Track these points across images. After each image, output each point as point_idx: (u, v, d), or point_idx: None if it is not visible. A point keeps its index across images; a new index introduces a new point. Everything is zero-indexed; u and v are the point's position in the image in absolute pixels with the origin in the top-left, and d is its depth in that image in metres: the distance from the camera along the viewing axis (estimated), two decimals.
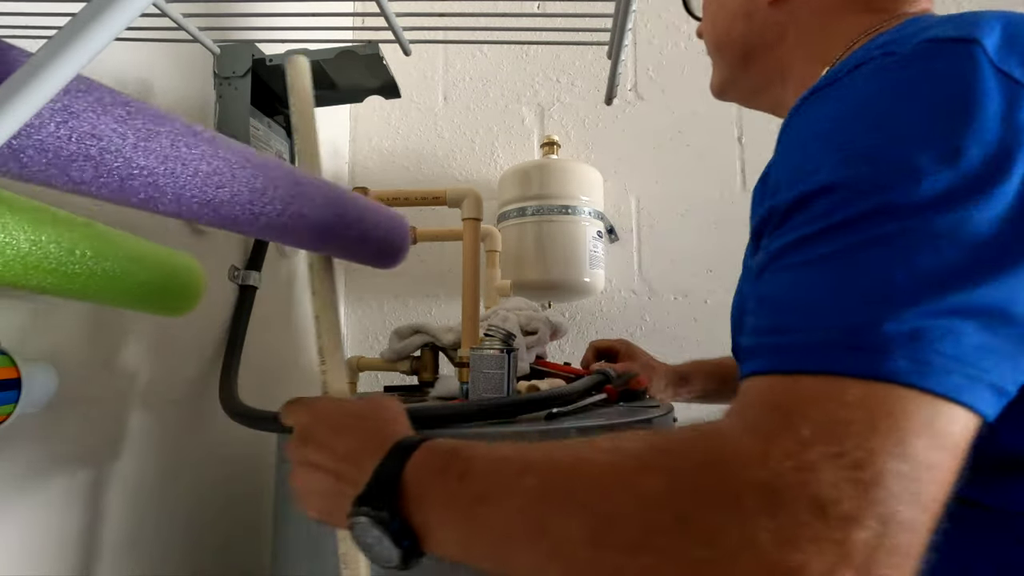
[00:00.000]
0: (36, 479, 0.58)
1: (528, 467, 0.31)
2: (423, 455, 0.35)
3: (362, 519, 0.33)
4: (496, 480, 0.31)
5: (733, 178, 1.28)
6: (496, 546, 0.31)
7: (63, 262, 0.51)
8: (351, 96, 0.99)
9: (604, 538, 0.27)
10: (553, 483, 0.29)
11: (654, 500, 0.26)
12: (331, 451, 0.39)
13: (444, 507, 0.33)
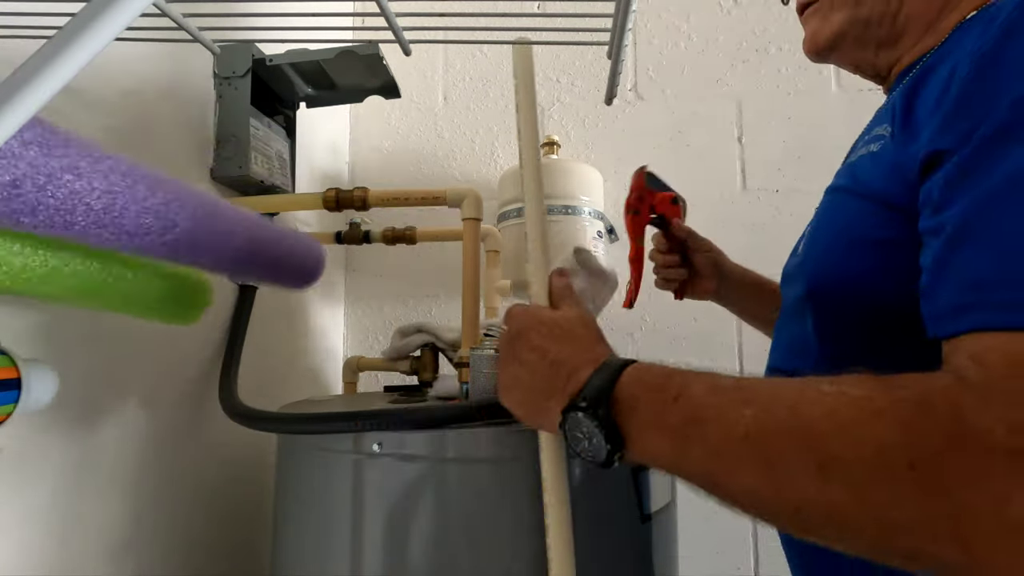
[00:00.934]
0: (36, 479, 0.58)
1: (748, 399, 0.33)
2: (636, 372, 0.39)
3: (579, 415, 0.38)
4: (713, 406, 0.34)
5: (733, 178, 1.28)
6: (708, 465, 0.34)
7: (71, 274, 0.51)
8: (351, 96, 0.99)
9: (832, 474, 0.29)
10: (776, 416, 0.32)
11: (889, 446, 0.28)
12: (543, 353, 0.43)
13: (656, 422, 0.37)
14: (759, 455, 0.32)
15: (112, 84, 0.68)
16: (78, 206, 0.45)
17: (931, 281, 0.34)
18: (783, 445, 0.31)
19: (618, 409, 0.38)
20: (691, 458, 0.36)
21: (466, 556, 0.56)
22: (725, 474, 0.34)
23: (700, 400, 0.35)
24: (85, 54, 0.26)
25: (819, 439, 0.30)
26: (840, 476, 0.29)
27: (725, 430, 0.33)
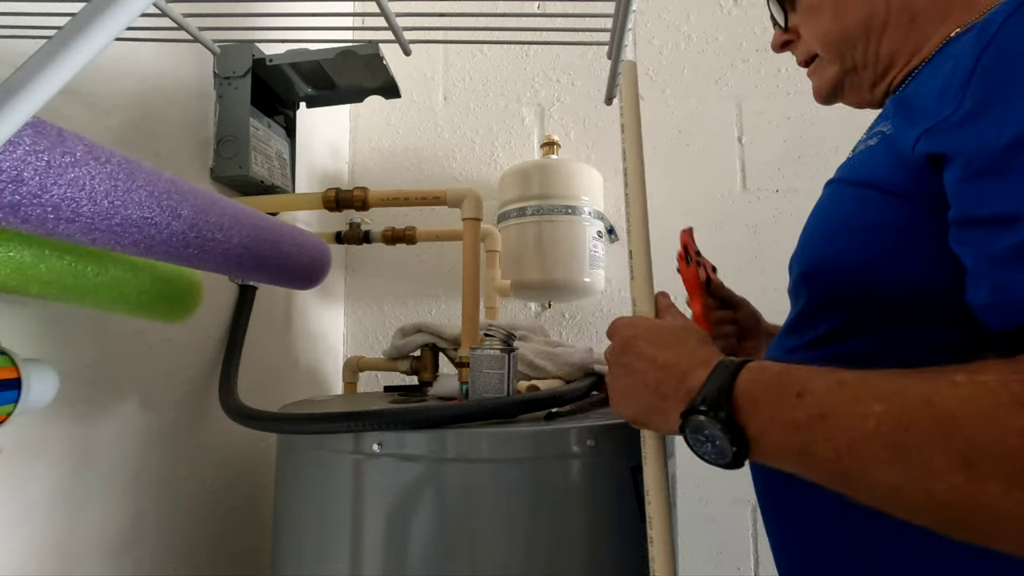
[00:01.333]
0: (36, 479, 0.58)
1: (876, 393, 0.33)
2: (752, 373, 0.39)
3: (700, 418, 0.39)
4: (839, 402, 0.34)
5: (733, 178, 1.28)
6: (840, 462, 0.33)
7: (65, 274, 0.52)
8: (351, 96, 0.99)
9: (977, 468, 0.28)
10: (910, 408, 0.31)
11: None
12: (652, 361, 0.45)
13: (780, 420, 0.36)
14: (895, 449, 0.31)
15: (112, 84, 0.68)
16: (83, 198, 0.45)
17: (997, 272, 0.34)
18: (921, 438, 0.30)
19: (739, 409, 0.38)
20: (819, 456, 0.35)
21: (466, 556, 0.56)
22: (859, 471, 0.33)
23: (824, 396, 0.35)
24: (85, 54, 0.26)
25: (960, 431, 0.29)
26: (989, 468, 0.28)
27: (855, 425, 0.33)
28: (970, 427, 0.29)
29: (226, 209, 0.63)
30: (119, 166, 0.49)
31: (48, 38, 0.26)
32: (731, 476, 1.23)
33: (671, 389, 0.43)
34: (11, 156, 0.39)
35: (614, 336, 0.50)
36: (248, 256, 0.67)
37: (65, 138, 0.44)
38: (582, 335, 1.29)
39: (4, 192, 0.40)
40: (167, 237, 0.54)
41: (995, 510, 0.28)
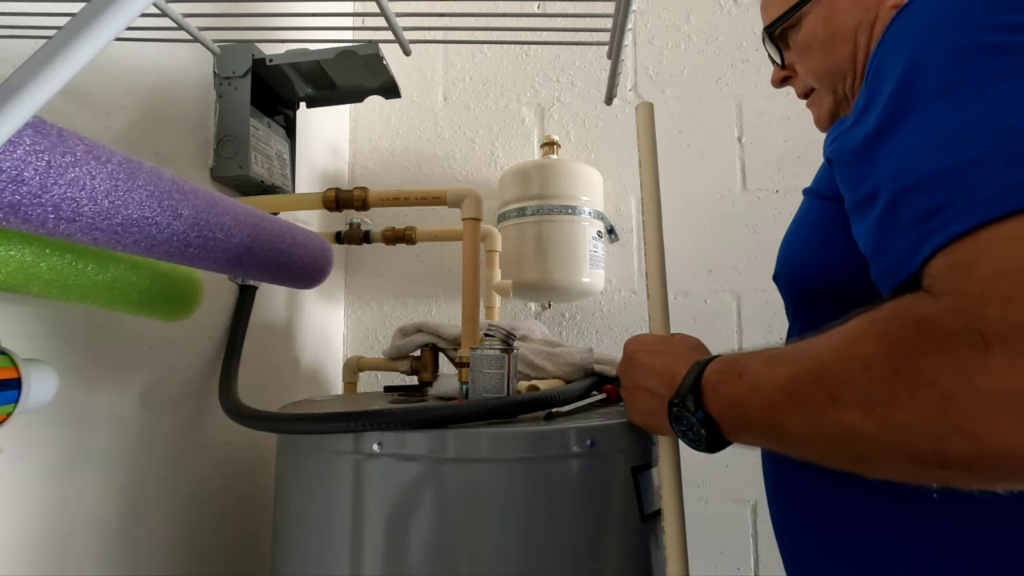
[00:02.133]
0: (36, 479, 0.58)
1: (785, 358, 0.39)
2: (715, 366, 0.45)
3: (677, 410, 0.46)
4: (762, 373, 0.40)
5: (733, 178, 1.28)
6: (768, 420, 0.39)
7: (66, 273, 0.52)
8: (351, 96, 0.99)
9: (840, 397, 0.33)
10: (799, 364, 0.37)
11: (873, 359, 0.32)
12: (651, 369, 0.52)
13: (729, 399, 0.42)
14: (793, 401, 0.37)
15: (112, 84, 0.68)
16: (83, 197, 0.45)
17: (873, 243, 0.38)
18: (805, 385, 0.36)
19: (704, 397, 0.44)
20: (756, 423, 0.40)
21: (466, 556, 0.56)
22: (777, 428, 0.38)
23: (755, 371, 0.41)
24: (85, 54, 0.26)
25: (824, 371, 0.35)
26: (848, 398, 0.33)
27: (770, 389, 0.38)
28: (831, 366, 0.34)
29: (227, 208, 0.63)
30: (120, 166, 0.49)
31: (48, 38, 0.26)
32: (731, 476, 1.23)
33: (665, 391, 0.49)
34: (11, 156, 0.39)
35: (623, 353, 0.57)
36: (249, 255, 0.67)
37: (65, 138, 0.44)
38: (582, 335, 1.30)
39: (4, 192, 0.40)
40: (168, 236, 0.54)
41: (865, 434, 0.32)
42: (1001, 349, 0.28)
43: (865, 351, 0.33)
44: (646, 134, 0.65)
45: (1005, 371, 0.27)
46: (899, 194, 0.35)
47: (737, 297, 1.24)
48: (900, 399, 0.31)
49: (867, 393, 0.32)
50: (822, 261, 0.48)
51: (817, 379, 0.35)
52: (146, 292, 0.61)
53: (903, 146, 0.36)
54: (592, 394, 0.76)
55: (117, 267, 0.58)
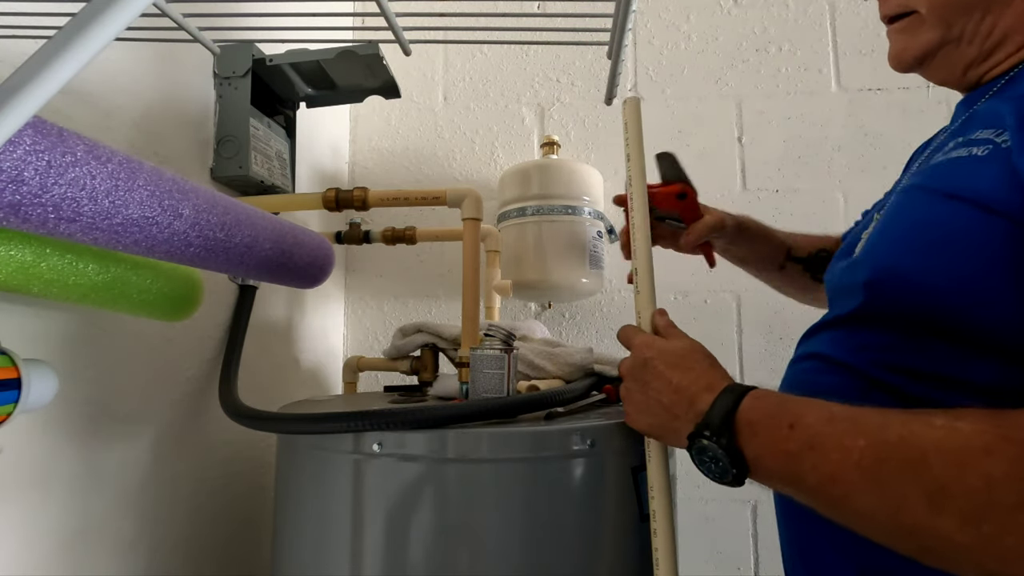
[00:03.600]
0: (36, 479, 0.58)
1: (860, 429, 0.36)
2: (754, 400, 0.43)
3: (705, 442, 0.43)
4: (828, 434, 0.37)
5: (733, 178, 1.28)
6: (825, 490, 0.37)
7: (67, 273, 0.52)
8: (351, 96, 0.99)
9: (943, 505, 0.31)
10: (888, 446, 0.34)
11: (999, 481, 0.30)
12: (667, 382, 0.49)
13: (774, 449, 0.40)
14: (872, 482, 0.34)
15: (112, 84, 0.68)
16: (83, 197, 0.45)
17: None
18: (894, 472, 0.33)
19: (739, 433, 0.42)
20: (808, 483, 0.38)
21: (466, 556, 0.56)
22: (841, 499, 0.36)
23: (815, 429, 0.38)
24: (85, 54, 0.26)
25: (928, 469, 0.32)
26: (950, 506, 0.31)
27: (839, 458, 0.36)
28: (938, 467, 0.32)
29: (228, 208, 0.63)
30: (120, 165, 0.49)
31: (48, 38, 0.26)
32: None
33: (682, 411, 0.47)
34: (11, 156, 0.39)
35: (632, 352, 0.54)
36: (251, 255, 0.67)
37: (65, 138, 0.44)
38: (582, 335, 1.29)
39: (5, 192, 0.40)
40: (168, 236, 0.54)
41: (952, 542, 0.31)
42: None
43: (991, 470, 0.30)
44: (634, 129, 0.63)
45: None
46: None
47: (737, 297, 1.24)
48: (1010, 529, 0.30)
49: (978, 511, 0.30)
50: (972, 287, 0.40)
51: (915, 474, 0.33)
52: (146, 292, 0.61)
53: None
54: (592, 394, 0.76)
55: (117, 267, 0.58)
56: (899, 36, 0.52)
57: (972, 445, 0.31)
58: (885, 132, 1.23)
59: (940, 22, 0.48)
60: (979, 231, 0.40)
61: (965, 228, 0.41)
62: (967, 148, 0.44)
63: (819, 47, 1.28)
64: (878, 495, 0.34)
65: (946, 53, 0.50)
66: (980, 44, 0.48)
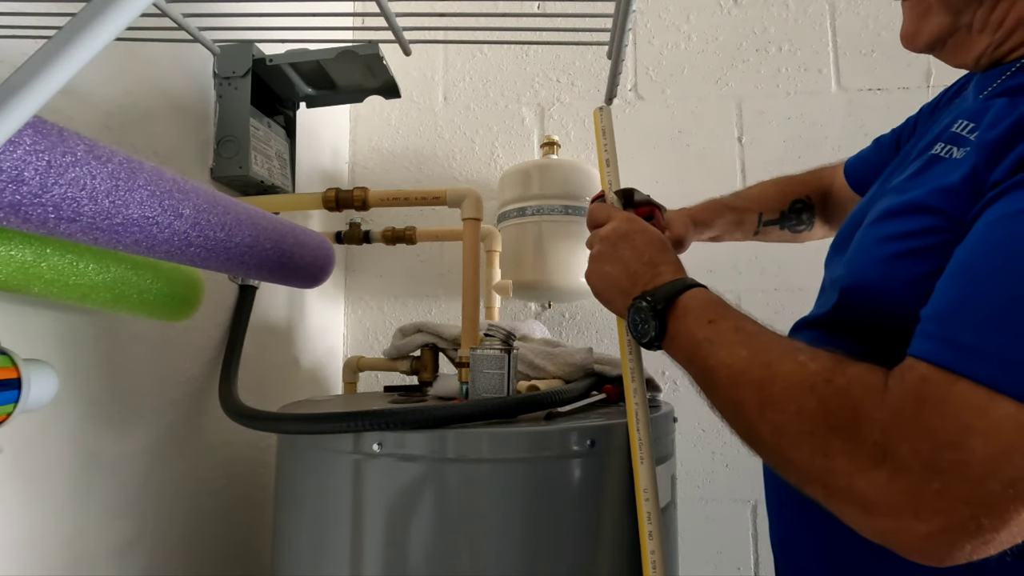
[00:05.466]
0: (36, 479, 0.58)
1: (750, 344, 0.44)
2: (700, 293, 0.50)
3: (643, 302, 0.51)
4: (726, 337, 0.45)
5: (733, 178, 1.28)
6: (704, 374, 0.46)
7: (67, 273, 0.52)
8: (351, 96, 0.99)
9: (765, 415, 0.40)
10: (756, 363, 0.42)
11: (806, 413, 0.38)
12: (640, 256, 0.55)
13: (689, 330, 0.48)
14: (731, 384, 0.43)
15: (112, 84, 0.68)
16: (83, 197, 0.45)
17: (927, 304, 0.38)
18: (746, 384, 0.42)
19: (673, 311, 0.49)
20: (695, 367, 0.47)
21: (466, 556, 0.56)
22: (710, 389, 0.46)
23: (722, 330, 0.46)
24: (85, 54, 0.26)
25: (768, 389, 0.40)
26: (769, 418, 0.40)
27: (722, 357, 0.44)
28: (775, 390, 0.40)
29: (228, 208, 0.63)
30: (120, 165, 0.49)
31: (48, 38, 0.26)
32: (731, 476, 1.23)
33: (643, 280, 0.53)
34: (11, 156, 0.39)
35: (613, 222, 0.58)
36: (251, 255, 0.67)
37: (66, 137, 0.44)
38: (582, 335, 1.30)
39: (5, 192, 0.40)
40: (169, 236, 0.54)
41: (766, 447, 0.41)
42: (888, 470, 0.34)
43: (804, 402, 0.38)
44: (611, 135, 0.66)
45: (876, 485, 0.34)
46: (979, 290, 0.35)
47: (737, 297, 1.24)
48: (797, 444, 0.38)
49: (785, 427, 0.39)
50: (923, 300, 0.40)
51: (759, 388, 0.41)
52: (147, 292, 0.61)
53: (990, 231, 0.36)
54: (592, 394, 0.76)
55: (118, 267, 0.58)
56: (910, 16, 0.51)
57: (805, 381, 0.39)
58: (885, 132, 1.23)
59: (948, 9, 0.47)
60: (938, 241, 0.42)
61: (925, 238, 0.43)
62: (948, 146, 0.46)
63: (819, 47, 1.28)
64: (731, 394, 0.43)
65: (958, 40, 0.49)
66: (992, 33, 0.47)
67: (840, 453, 0.36)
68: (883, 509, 0.34)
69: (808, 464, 0.38)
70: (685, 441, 1.20)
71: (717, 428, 1.20)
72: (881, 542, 0.35)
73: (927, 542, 0.33)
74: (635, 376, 0.59)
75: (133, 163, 0.51)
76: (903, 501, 0.33)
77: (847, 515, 0.37)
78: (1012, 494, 0.31)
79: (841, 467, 0.36)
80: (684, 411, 0.93)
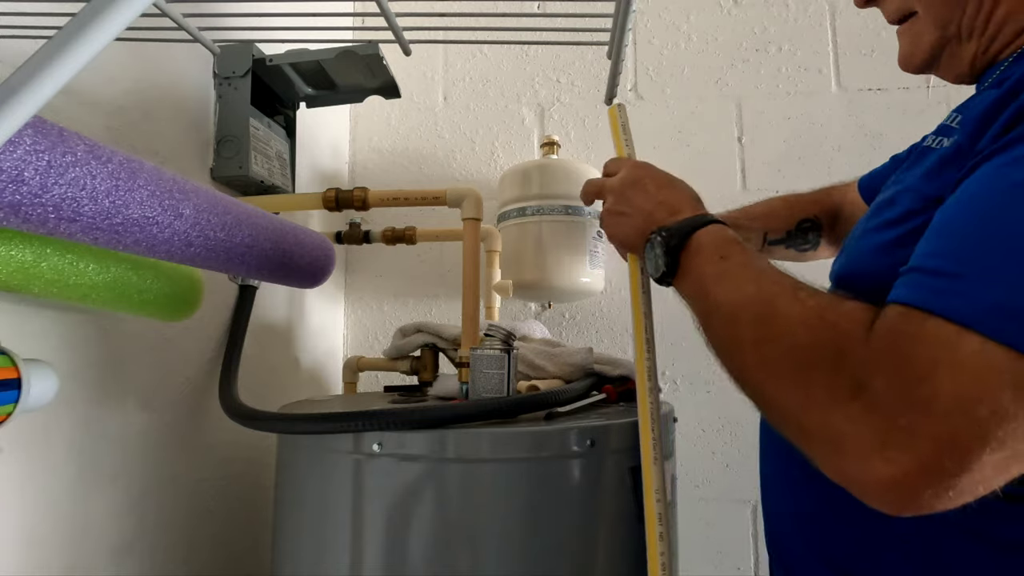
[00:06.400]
0: (36, 479, 0.58)
1: (757, 279, 0.44)
2: (716, 229, 0.50)
3: (658, 237, 0.51)
4: (733, 274, 0.45)
5: (733, 178, 1.28)
6: (708, 309, 0.46)
7: (67, 273, 0.52)
8: (351, 96, 0.99)
9: (759, 349, 0.41)
10: (760, 298, 0.42)
11: (797, 349, 0.38)
12: (651, 196, 0.55)
13: (700, 267, 0.48)
14: (733, 319, 0.43)
15: (112, 84, 0.68)
16: (83, 197, 0.45)
17: None
18: (749, 320, 0.42)
19: (687, 247, 0.49)
20: (699, 296, 0.47)
21: (466, 556, 0.56)
22: (712, 324, 0.46)
23: (730, 266, 0.46)
24: (85, 54, 0.26)
25: (767, 324, 0.41)
26: (763, 353, 0.41)
27: (727, 291, 0.45)
28: (773, 325, 0.40)
29: (229, 208, 0.63)
30: (120, 165, 0.49)
31: (48, 38, 0.26)
32: (731, 476, 1.23)
33: (660, 218, 0.53)
34: (11, 156, 0.39)
35: (623, 172, 0.59)
36: (251, 255, 0.67)
37: (66, 137, 0.44)
38: (582, 335, 1.29)
39: (5, 192, 0.40)
40: (169, 236, 0.54)
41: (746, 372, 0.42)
42: (860, 405, 0.34)
43: (799, 336, 0.39)
44: (628, 130, 0.67)
45: (848, 418, 0.35)
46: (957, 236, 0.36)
47: None
48: (782, 378, 0.39)
49: (775, 362, 0.40)
50: None
51: (759, 324, 0.41)
52: (147, 292, 0.61)
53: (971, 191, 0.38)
54: (592, 394, 0.76)
55: (118, 267, 0.58)
56: (904, 38, 0.54)
57: (800, 315, 0.39)
58: (885, 132, 1.23)
59: (936, 20, 0.50)
60: (919, 223, 0.43)
61: None
62: (937, 137, 0.49)
63: (819, 47, 1.28)
64: (731, 330, 0.44)
65: (951, 52, 0.51)
66: (979, 37, 0.49)
67: (819, 385, 0.37)
68: (852, 446, 0.35)
69: (787, 399, 0.39)
70: (685, 441, 1.20)
71: (717, 428, 1.20)
72: (847, 486, 0.36)
73: (890, 485, 0.33)
74: (651, 376, 0.59)
75: (133, 163, 0.51)
76: (871, 437, 0.34)
77: (819, 455, 0.37)
78: (976, 432, 0.31)
79: (818, 399, 0.37)
80: (684, 411, 0.93)
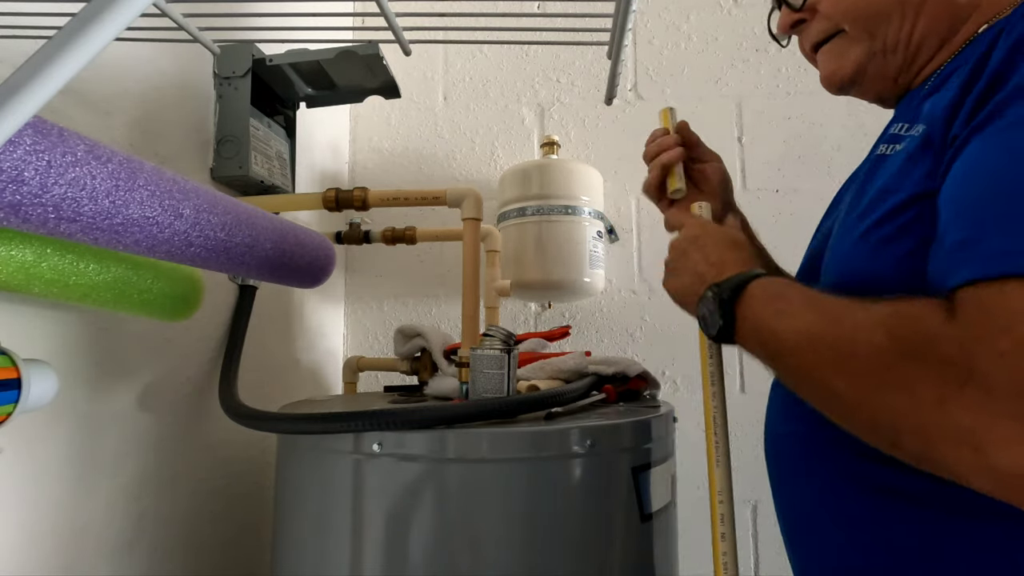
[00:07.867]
0: (36, 479, 0.58)
1: (816, 306, 0.43)
2: (768, 281, 0.49)
3: (709, 294, 0.51)
4: (793, 308, 0.44)
5: (733, 178, 1.28)
6: (775, 347, 0.45)
7: (68, 273, 0.52)
8: (351, 96, 0.99)
9: (841, 367, 0.39)
10: (823, 321, 0.41)
11: (878, 350, 0.36)
12: (706, 256, 0.56)
13: (756, 313, 0.47)
14: (805, 347, 0.41)
15: (112, 84, 0.68)
16: (83, 197, 0.45)
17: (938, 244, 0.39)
18: (821, 343, 0.40)
19: (740, 301, 0.48)
20: (766, 347, 0.46)
21: (466, 556, 0.56)
22: (784, 359, 0.44)
23: (788, 301, 0.45)
24: (85, 54, 0.26)
25: (841, 341, 0.39)
26: (846, 370, 0.38)
27: (791, 324, 0.43)
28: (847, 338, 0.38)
29: (229, 208, 0.63)
30: (120, 165, 0.49)
31: (48, 38, 0.26)
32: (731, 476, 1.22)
33: (710, 277, 0.53)
34: (11, 156, 0.39)
35: (684, 231, 0.61)
36: (251, 255, 0.67)
37: (66, 137, 0.44)
38: (582, 335, 1.29)
39: (5, 192, 0.40)
40: (169, 236, 0.55)
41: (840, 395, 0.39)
42: (976, 390, 0.31)
43: (876, 338, 0.36)
44: None
45: (968, 408, 0.32)
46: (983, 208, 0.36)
47: None
48: (877, 388, 0.36)
49: (863, 374, 0.37)
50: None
51: (833, 344, 0.39)
52: (147, 292, 0.62)
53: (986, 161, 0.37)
54: (592, 394, 0.76)
55: (118, 267, 0.58)
56: (827, 58, 0.56)
57: (871, 319, 0.38)
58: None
59: (864, 34, 0.51)
60: (908, 218, 0.44)
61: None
62: (888, 145, 0.50)
63: None
64: (805, 358, 0.41)
65: (876, 66, 0.53)
66: (904, 50, 0.51)
67: (919, 381, 0.34)
68: (987, 438, 0.31)
69: (893, 408, 0.35)
70: (685, 441, 1.20)
71: None
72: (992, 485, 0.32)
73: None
74: (715, 380, 0.58)
75: (133, 163, 0.51)
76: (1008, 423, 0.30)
77: (959, 462, 0.33)
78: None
79: (926, 397, 0.33)
80: (684, 411, 0.93)
